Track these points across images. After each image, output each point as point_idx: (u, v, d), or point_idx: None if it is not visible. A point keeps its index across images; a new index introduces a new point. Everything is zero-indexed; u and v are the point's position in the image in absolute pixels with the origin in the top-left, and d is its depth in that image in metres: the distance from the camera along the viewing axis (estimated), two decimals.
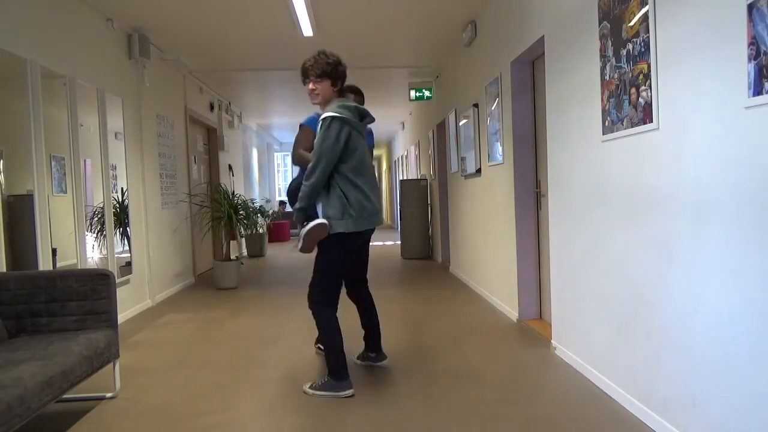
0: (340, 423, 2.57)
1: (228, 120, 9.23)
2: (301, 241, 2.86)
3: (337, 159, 2.85)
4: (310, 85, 2.96)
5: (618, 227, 2.68)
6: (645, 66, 2.35)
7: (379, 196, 3.04)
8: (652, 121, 2.32)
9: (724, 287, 1.94)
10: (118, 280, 4.76)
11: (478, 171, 5.39)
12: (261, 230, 9.38)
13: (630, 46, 2.47)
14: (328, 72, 2.93)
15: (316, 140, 2.87)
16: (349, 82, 3.21)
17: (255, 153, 12.57)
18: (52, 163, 3.88)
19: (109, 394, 3.01)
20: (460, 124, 6.12)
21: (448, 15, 5.28)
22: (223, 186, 7.61)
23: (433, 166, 8.36)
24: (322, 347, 3.44)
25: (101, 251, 4.61)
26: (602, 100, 2.76)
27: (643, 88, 2.37)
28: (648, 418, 2.44)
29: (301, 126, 3.32)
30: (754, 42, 1.72)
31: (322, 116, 2.87)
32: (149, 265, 5.65)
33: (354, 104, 2.98)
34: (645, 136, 2.40)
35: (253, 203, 7.39)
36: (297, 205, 2.90)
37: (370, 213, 2.94)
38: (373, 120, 3.10)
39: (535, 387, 2.97)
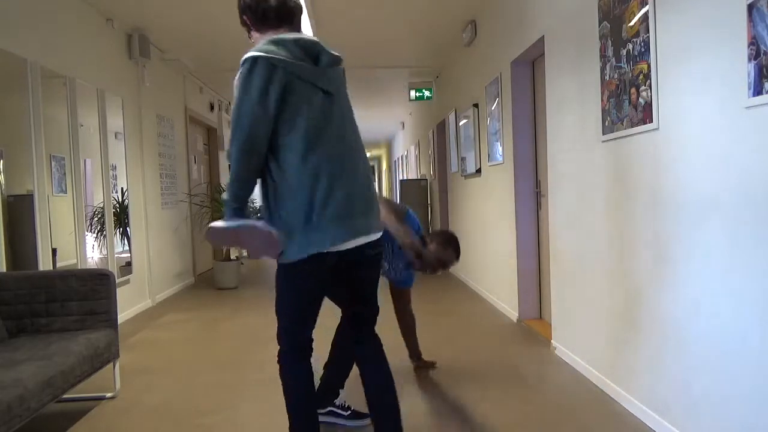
0: (339, 423, 2.57)
1: (228, 120, 9.23)
2: (213, 226, 1.78)
3: (269, 128, 1.72)
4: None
5: (618, 227, 2.68)
6: (645, 66, 2.35)
7: (362, 182, 1.84)
8: (652, 121, 2.32)
9: (724, 287, 1.94)
10: (118, 280, 4.76)
11: (478, 171, 5.39)
12: None
13: (630, 46, 2.47)
14: (242, 17, 1.95)
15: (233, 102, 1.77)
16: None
17: None
18: (52, 163, 3.88)
19: (109, 394, 3.01)
20: (460, 124, 6.12)
21: (448, 15, 5.28)
22: (223, 186, 7.60)
23: (433, 166, 8.36)
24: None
25: (101, 251, 4.61)
26: (602, 100, 2.76)
27: (643, 88, 2.37)
28: (648, 418, 2.44)
29: None
30: (754, 42, 1.72)
31: (242, 60, 1.76)
32: (149, 265, 5.65)
33: (295, 36, 1.81)
34: (645, 136, 2.40)
35: (253, 203, 7.38)
36: (223, 196, 1.87)
37: (339, 213, 1.75)
38: (336, 61, 1.88)
39: (535, 387, 2.97)
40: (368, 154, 23.58)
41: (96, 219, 4.55)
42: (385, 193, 21.50)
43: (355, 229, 1.79)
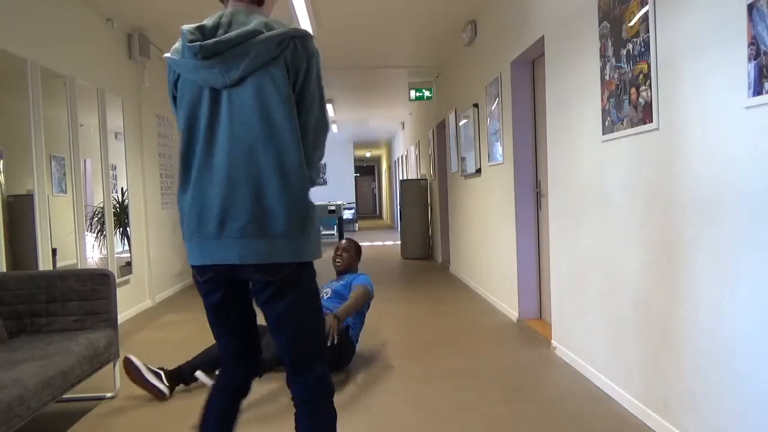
0: (339, 425, 2.57)
1: None
2: None
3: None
4: None
5: (618, 227, 2.68)
6: (645, 66, 2.35)
7: (221, 202, 1.47)
8: (652, 121, 2.32)
9: (724, 287, 1.94)
10: (118, 280, 4.76)
11: (478, 171, 5.39)
12: None
13: (630, 46, 2.47)
14: None
15: None
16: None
17: None
18: (52, 163, 3.88)
19: (109, 394, 3.01)
20: (460, 124, 6.12)
21: (448, 15, 5.28)
22: None
23: (433, 166, 8.36)
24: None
25: (101, 251, 4.61)
26: (602, 100, 2.76)
27: (643, 88, 2.38)
28: (648, 418, 2.44)
29: None
30: (754, 42, 1.72)
31: None
32: (149, 265, 5.65)
33: (206, 21, 1.60)
34: (645, 136, 2.40)
35: None
36: None
37: (196, 232, 1.51)
38: (234, 41, 1.49)
39: (535, 387, 2.97)
40: (368, 154, 23.44)
41: (96, 219, 4.55)
42: (384, 193, 21.49)
43: (204, 253, 1.53)
